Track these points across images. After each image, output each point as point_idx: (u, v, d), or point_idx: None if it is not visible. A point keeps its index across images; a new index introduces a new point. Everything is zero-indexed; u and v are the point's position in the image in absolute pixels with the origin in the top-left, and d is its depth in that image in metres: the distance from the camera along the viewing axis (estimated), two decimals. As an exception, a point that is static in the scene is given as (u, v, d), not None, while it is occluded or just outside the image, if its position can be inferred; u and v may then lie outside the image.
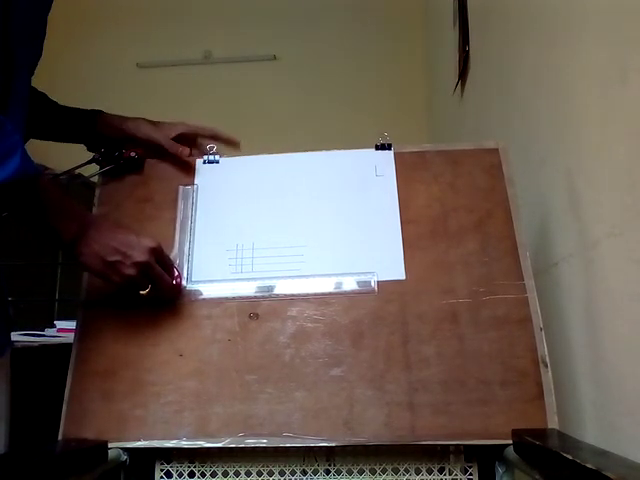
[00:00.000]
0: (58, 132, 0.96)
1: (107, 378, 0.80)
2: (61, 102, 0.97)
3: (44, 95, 0.95)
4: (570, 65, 0.87)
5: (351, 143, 0.93)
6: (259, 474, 0.79)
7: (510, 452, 0.71)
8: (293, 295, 0.83)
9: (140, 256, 0.76)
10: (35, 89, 0.91)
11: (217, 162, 0.94)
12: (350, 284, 0.83)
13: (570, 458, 0.52)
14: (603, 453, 0.58)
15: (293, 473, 0.79)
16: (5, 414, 0.85)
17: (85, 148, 0.97)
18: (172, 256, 0.85)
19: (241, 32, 3.18)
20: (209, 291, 0.84)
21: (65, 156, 1.08)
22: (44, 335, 1.58)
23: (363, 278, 0.83)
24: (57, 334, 1.58)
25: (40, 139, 0.94)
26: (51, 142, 0.97)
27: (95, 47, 3.17)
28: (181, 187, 0.92)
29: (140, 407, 0.78)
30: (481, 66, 1.59)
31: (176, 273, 0.83)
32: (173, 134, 0.94)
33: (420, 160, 0.91)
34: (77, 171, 0.99)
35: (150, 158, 0.94)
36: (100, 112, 0.95)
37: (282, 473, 0.79)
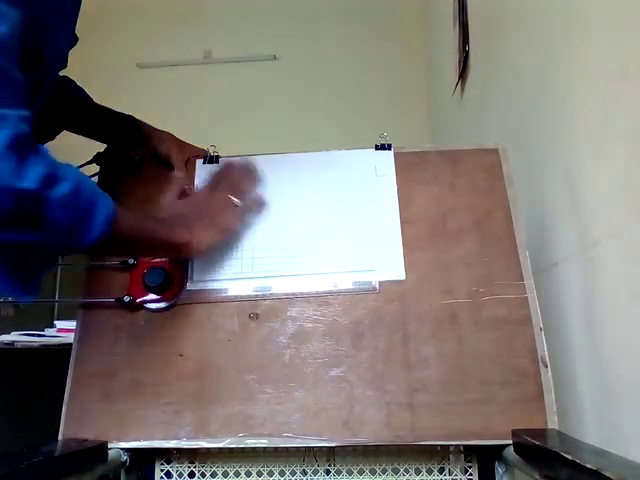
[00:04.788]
0: (89, 129, 0.95)
1: (107, 378, 0.80)
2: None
3: (82, 90, 0.94)
4: (570, 65, 0.87)
5: (351, 143, 0.93)
6: (259, 474, 0.80)
7: (510, 452, 0.71)
8: (293, 295, 0.83)
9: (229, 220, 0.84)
10: (74, 82, 0.93)
11: (217, 162, 0.94)
12: (350, 284, 0.83)
13: (570, 458, 0.52)
14: (603, 453, 0.58)
15: (293, 473, 0.79)
16: None
17: (85, 147, 0.97)
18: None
19: (241, 32, 3.18)
20: (209, 291, 0.84)
21: (65, 155, 1.08)
22: (44, 335, 1.58)
23: (364, 277, 0.83)
24: (57, 334, 1.58)
25: (72, 132, 0.94)
26: (50, 141, 0.96)
27: (95, 47, 3.16)
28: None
29: (140, 407, 0.78)
30: (481, 66, 1.59)
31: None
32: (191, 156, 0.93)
33: (420, 160, 0.91)
34: None
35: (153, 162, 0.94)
36: (131, 117, 0.95)
37: (282, 473, 0.79)
